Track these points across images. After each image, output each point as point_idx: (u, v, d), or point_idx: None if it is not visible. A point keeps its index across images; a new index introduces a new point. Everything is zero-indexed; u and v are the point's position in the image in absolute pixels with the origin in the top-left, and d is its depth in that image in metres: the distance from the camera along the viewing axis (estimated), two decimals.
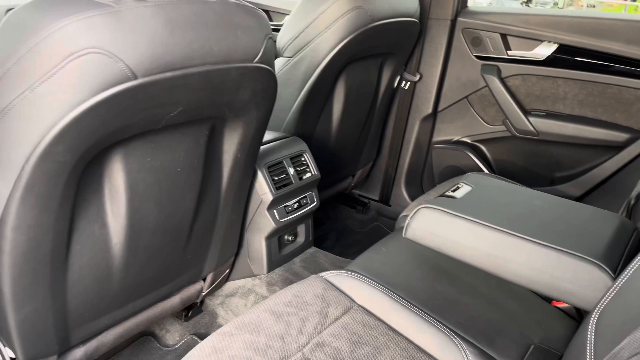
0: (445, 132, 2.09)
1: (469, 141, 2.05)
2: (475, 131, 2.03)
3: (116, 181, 0.97)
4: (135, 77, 0.80)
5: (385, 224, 2.23)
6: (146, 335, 1.51)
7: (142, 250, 1.10)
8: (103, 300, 1.11)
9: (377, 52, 1.73)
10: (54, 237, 0.92)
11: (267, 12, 2.43)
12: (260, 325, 1.01)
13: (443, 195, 1.17)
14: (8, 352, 1.03)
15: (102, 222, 1.01)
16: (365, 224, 2.25)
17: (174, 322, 1.53)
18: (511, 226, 1.03)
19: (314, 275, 1.17)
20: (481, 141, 2.04)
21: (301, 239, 1.61)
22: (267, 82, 1.08)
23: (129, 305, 1.19)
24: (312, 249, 1.65)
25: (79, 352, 1.16)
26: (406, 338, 1.04)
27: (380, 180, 2.25)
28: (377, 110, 1.97)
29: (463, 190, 1.20)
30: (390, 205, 2.26)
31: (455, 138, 2.08)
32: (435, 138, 2.12)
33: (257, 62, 1.01)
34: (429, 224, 1.10)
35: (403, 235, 1.14)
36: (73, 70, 0.76)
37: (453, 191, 1.19)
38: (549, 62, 1.80)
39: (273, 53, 1.07)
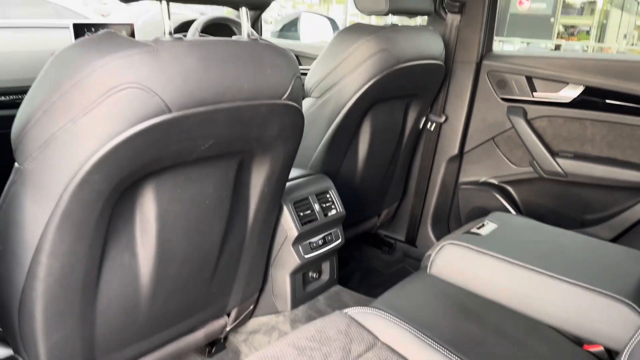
0: (471, 173, 2.09)
1: (496, 182, 2.04)
2: (502, 172, 2.02)
3: (147, 211, 1.01)
4: (170, 111, 0.85)
5: (412, 265, 2.21)
6: None
7: (169, 281, 1.12)
8: (129, 330, 1.12)
9: (402, 93, 1.77)
10: (86, 265, 0.95)
11: (296, 56, 2.52)
12: (282, 359, 1.01)
13: (468, 232, 1.17)
14: None
15: (132, 252, 1.04)
16: (391, 265, 2.23)
17: (197, 358, 1.53)
18: (538, 264, 1.02)
19: (338, 312, 1.17)
20: (508, 182, 2.02)
21: (325, 276, 1.61)
22: (294, 119, 1.11)
23: (154, 336, 1.20)
24: (337, 287, 1.64)
25: None
26: None
27: (407, 220, 2.24)
28: (403, 151, 1.99)
29: (489, 227, 1.19)
30: (416, 246, 2.24)
31: (482, 179, 2.07)
32: (462, 179, 2.12)
33: (285, 99, 1.05)
34: (454, 260, 1.09)
35: (427, 271, 1.14)
36: (113, 104, 0.81)
37: (478, 228, 1.19)
38: (575, 104, 1.80)
39: (301, 91, 1.12)
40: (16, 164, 0.89)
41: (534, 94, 1.87)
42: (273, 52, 1.04)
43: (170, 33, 0.89)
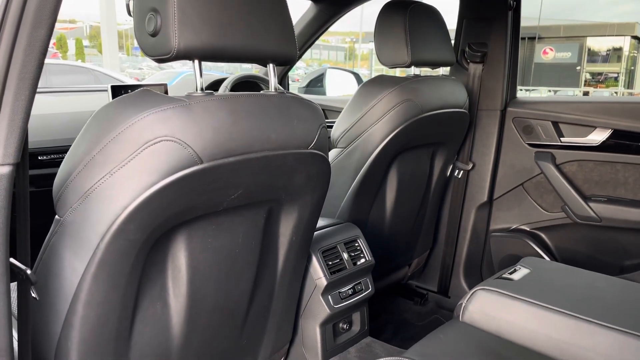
0: (502, 220, 2.06)
1: (528, 229, 2.01)
2: (533, 219, 1.99)
3: (179, 261, 1.03)
4: (201, 162, 0.89)
5: (445, 317, 2.15)
6: None
7: (200, 332, 1.13)
8: None
9: (428, 141, 1.79)
10: (120, 315, 0.97)
11: (322, 110, 2.59)
12: None
13: (500, 277, 1.14)
14: None
15: (164, 302, 1.06)
16: (424, 317, 2.17)
17: None
18: (575, 308, 0.99)
19: None
20: (540, 229, 1.99)
21: (356, 327, 1.58)
22: (321, 167, 1.14)
23: None
24: (368, 339, 1.61)
25: None
26: None
27: (438, 270, 2.20)
28: (431, 199, 1.98)
29: (521, 272, 1.17)
30: (449, 297, 2.19)
31: (513, 226, 2.04)
32: (493, 226, 2.09)
33: (311, 149, 1.08)
34: (486, 307, 1.07)
35: (460, 319, 1.11)
36: (148, 156, 0.85)
37: (510, 274, 1.16)
38: (605, 147, 1.79)
39: (327, 141, 1.15)
40: (57, 216, 0.93)
41: (561, 138, 1.87)
42: (299, 104, 1.08)
43: (201, 89, 0.94)
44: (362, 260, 1.54)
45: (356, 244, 1.54)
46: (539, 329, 1.00)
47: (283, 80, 2.56)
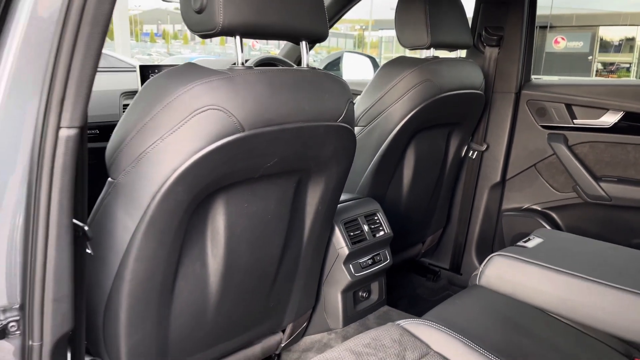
0: (514, 200, 2.13)
1: (539, 208, 2.08)
2: (545, 198, 2.05)
3: (218, 223, 1.11)
4: (243, 130, 0.96)
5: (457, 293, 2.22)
6: None
7: (233, 291, 1.22)
8: (197, 336, 1.21)
9: (444, 121, 1.86)
10: (164, 270, 1.05)
11: None
12: None
13: (515, 245, 1.22)
14: None
15: (202, 262, 1.14)
16: (436, 293, 2.26)
17: None
18: (584, 272, 1.06)
19: (390, 323, 1.23)
20: (551, 208, 2.05)
21: (375, 296, 1.67)
22: (347, 140, 1.21)
23: (218, 346, 1.29)
24: (385, 307, 1.69)
25: None
26: None
27: (451, 248, 2.28)
28: (446, 178, 2.05)
29: (534, 242, 1.24)
30: (461, 274, 2.27)
31: (525, 205, 2.11)
32: (505, 206, 2.16)
33: (340, 122, 1.15)
34: (502, 271, 1.15)
35: (477, 282, 1.19)
36: (195, 123, 0.93)
37: (524, 242, 1.24)
38: (616, 129, 1.85)
39: (353, 115, 1.22)
40: (110, 179, 1.01)
41: (574, 120, 1.93)
42: (330, 80, 1.15)
43: (242, 63, 1.02)
44: (382, 233, 1.62)
45: (376, 217, 1.62)
46: (552, 290, 1.08)
47: (299, 63, 2.62)
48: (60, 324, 0.90)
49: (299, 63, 2.59)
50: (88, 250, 0.96)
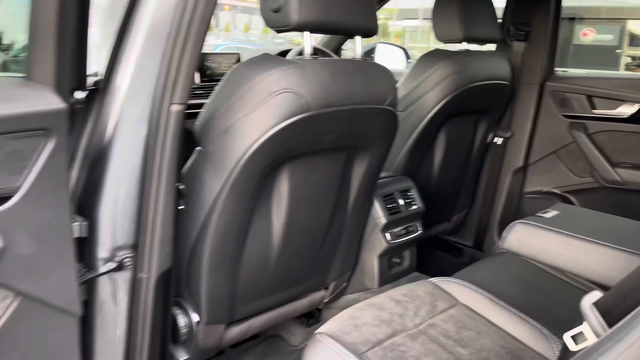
0: (535, 184, 2.31)
1: (559, 192, 2.25)
2: (564, 182, 2.23)
3: (282, 188, 1.33)
4: (310, 110, 1.17)
5: None
6: (274, 337, 1.82)
7: (290, 247, 1.43)
8: (260, 284, 1.43)
9: (473, 109, 2.04)
10: (240, 225, 1.27)
11: None
12: (384, 306, 1.28)
13: (534, 216, 1.41)
14: (194, 317, 1.37)
15: (268, 220, 1.36)
16: (460, 268, 2.44)
17: (298, 327, 1.82)
18: (596, 237, 1.25)
19: (424, 280, 1.44)
20: (570, 192, 2.22)
21: (406, 263, 1.87)
22: (391, 122, 1.42)
23: (275, 294, 1.51)
24: (416, 273, 1.90)
25: (236, 329, 1.48)
26: (503, 329, 1.26)
27: (474, 227, 2.47)
28: (472, 162, 2.24)
29: (552, 213, 1.43)
30: (483, 251, 2.45)
31: (546, 189, 2.28)
32: (526, 189, 2.33)
33: (386, 105, 1.35)
34: (522, 236, 1.34)
35: (500, 246, 1.39)
36: (273, 103, 1.14)
37: (543, 214, 1.43)
38: (633, 119, 2.01)
39: (397, 100, 1.42)
40: (199, 147, 1.23)
41: (594, 111, 2.09)
42: (378, 69, 1.35)
43: (310, 54, 1.22)
44: (415, 207, 1.82)
45: (409, 193, 1.82)
46: (566, 252, 1.27)
47: (338, 51, 2.81)
48: (164, 261, 1.13)
49: (336, 52, 2.78)
50: (181, 206, 1.19)
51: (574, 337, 0.68)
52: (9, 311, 0.90)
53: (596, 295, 0.67)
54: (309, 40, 1.22)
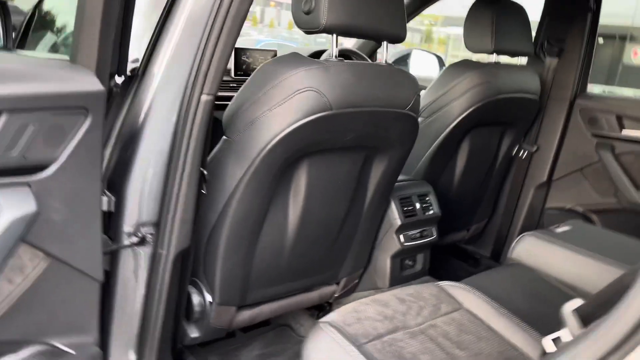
0: (558, 200, 2.30)
1: (581, 210, 2.24)
2: (587, 201, 2.21)
3: (300, 182, 1.39)
4: (331, 109, 1.23)
5: None
6: (284, 326, 1.88)
7: (304, 239, 1.49)
8: (272, 273, 1.50)
9: (499, 121, 2.05)
10: (257, 213, 1.34)
11: None
12: (388, 303, 1.33)
13: (546, 229, 1.43)
14: (207, 297, 1.45)
15: (285, 212, 1.42)
16: None
17: (308, 318, 1.88)
18: (602, 253, 1.26)
19: (431, 283, 1.47)
20: (593, 211, 2.21)
21: (419, 266, 1.91)
22: (411, 127, 1.46)
23: (287, 283, 1.57)
24: (428, 278, 1.93)
25: (247, 313, 1.55)
26: (503, 336, 1.29)
27: (493, 238, 2.47)
28: (496, 173, 2.25)
29: (563, 228, 1.45)
30: (500, 263, 2.46)
31: (568, 206, 2.27)
32: (549, 204, 2.33)
33: (407, 110, 1.40)
34: (531, 247, 1.36)
35: (509, 255, 1.41)
36: (297, 101, 1.20)
37: (555, 228, 1.45)
38: None
39: (419, 106, 1.46)
40: (225, 137, 1.31)
41: (623, 131, 2.07)
42: (402, 74, 1.40)
43: (336, 56, 1.28)
44: (431, 212, 1.85)
45: (427, 198, 1.86)
46: (571, 267, 1.29)
47: (373, 55, 2.86)
48: (183, 240, 1.21)
49: (370, 56, 2.83)
50: (203, 190, 1.26)
51: (554, 341, 0.72)
52: (38, 270, 0.99)
53: (577, 302, 0.70)
54: (336, 43, 1.28)
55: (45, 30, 2.17)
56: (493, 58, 1.92)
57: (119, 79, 1.10)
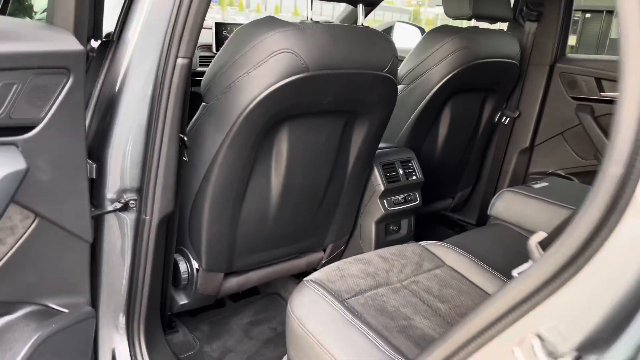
0: (540, 165, 2.34)
1: (563, 173, 2.27)
2: (568, 164, 2.25)
3: (282, 147, 1.41)
4: (308, 70, 1.24)
5: None
6: (273, 294, 1.91)
7: (288, 205, 1.51)
8: (258, 239, 1.52)
9: (479, 87, 2.07)
10: (239, 178, 1.36)
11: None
12: (371, 261, 1.36)
13: (524, 185, 1.46)
14: (194, 264, 1.47)
15: (267, 178, 1.44)
16: None
17: (296, 286, 1.91)
18: (576, 205, 1.29)
19: (414, 242, 1.50)
20: (574, 173, 2.25)
21: (404, 231, 1.94)
22: (390, 89, 1.47)
23: (273, 250, 1.60)
24: (412, 242, 1.96)
25: (234, 280, 1.58)
26: (483, 289, 1.33)
27: (478, 205, 2.51)
28: (478, 140, 2.27)
29: (541, 184, 1.48)
30: None
31: (550, 170, 2.31)
32: (531, 169, 2.37)
33: (385, 72, 1.41)
34: (510, 203, 1.39)
35: (488, 212, 1.44)
36: (273, 63, 1.21)
37: (532, 185, 1.48)
38: None
39: (397, 69, 1.47)
40: (204, 103, 1.32)
41: (602, 93, 2.10)
42: (379, 36, 1.41)
43: (310, 19, 1.29)
44: (414, 177, 1.88)
45: (410, 164, 1.88)
46: (547, 219, 1.32)
47: None
48: (166, 205, 1.22)
49: None
50: (185, 158, 1.28)
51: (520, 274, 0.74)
52: (30, 230, 1.01)
53: (541, 235, 0.73)
54: (311, 5, 1.29)
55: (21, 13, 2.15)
56: (472, 24, 1.93)
57: (94, 43, 1.10)
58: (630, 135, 0.51)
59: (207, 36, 2.30)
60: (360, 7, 1.39)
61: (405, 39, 3.01)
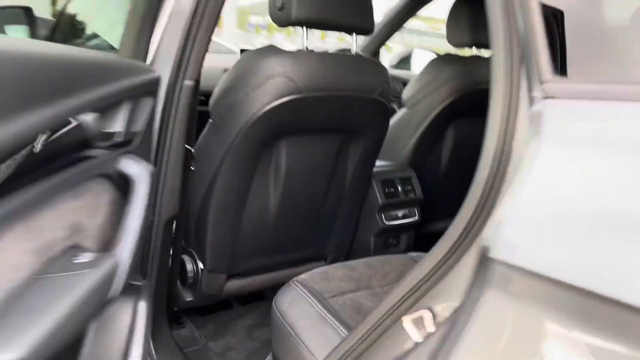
0: None
1: None
2: None
3: (280, 161, 1.56)
4: (301, 92, 1.39)
5: None
6: None
7: (286, 215, 1.65)
8: (259, 244, 1.67)
9: (482, 113, 2.15)
10: (240, 187, 1.52)
11: (404, 83, 3.02)
12: (356, 268, 1.48)
13: None
14: (200, 265, 1.63)
15: (266, 189, 1.59)
16: None
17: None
18: None
19: (403, 254, 1.61)
20: None
21: (403, 245, 2.04)
22: (382, 111, 1.61)
23: (273, 256, 1.74)
24: (401, 254, 2.06)
25: (237, 282, 1.72)
26: None
27: None
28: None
29: None
30: None
31: None
32: None
33: (376, 96, 1.55)
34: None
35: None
36: (270, 85, 1.37)
37: None
38: None
39: (389, 92, 1.60)
40: (210, 120, 1.49)
41: None
42: (370, 63, 1.56)
43: (306, 47, 1.45)
44: (413, 195, 1.99)
45: (409, 181, 2.00)
46: None
47: (376, 55, 3.00)
48: (172, 207, 1.39)
49: (374, 54, 2.98)
50: (192, 167, 1.45)
51: None
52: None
53: None
54: (306, 35, 1.45)
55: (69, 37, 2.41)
56: (473, 52, 2.05)
57: None
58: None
59: (232, 62, 2.50)
60: (354, 35, 1.54)
61: (423, 64, 3.15)
